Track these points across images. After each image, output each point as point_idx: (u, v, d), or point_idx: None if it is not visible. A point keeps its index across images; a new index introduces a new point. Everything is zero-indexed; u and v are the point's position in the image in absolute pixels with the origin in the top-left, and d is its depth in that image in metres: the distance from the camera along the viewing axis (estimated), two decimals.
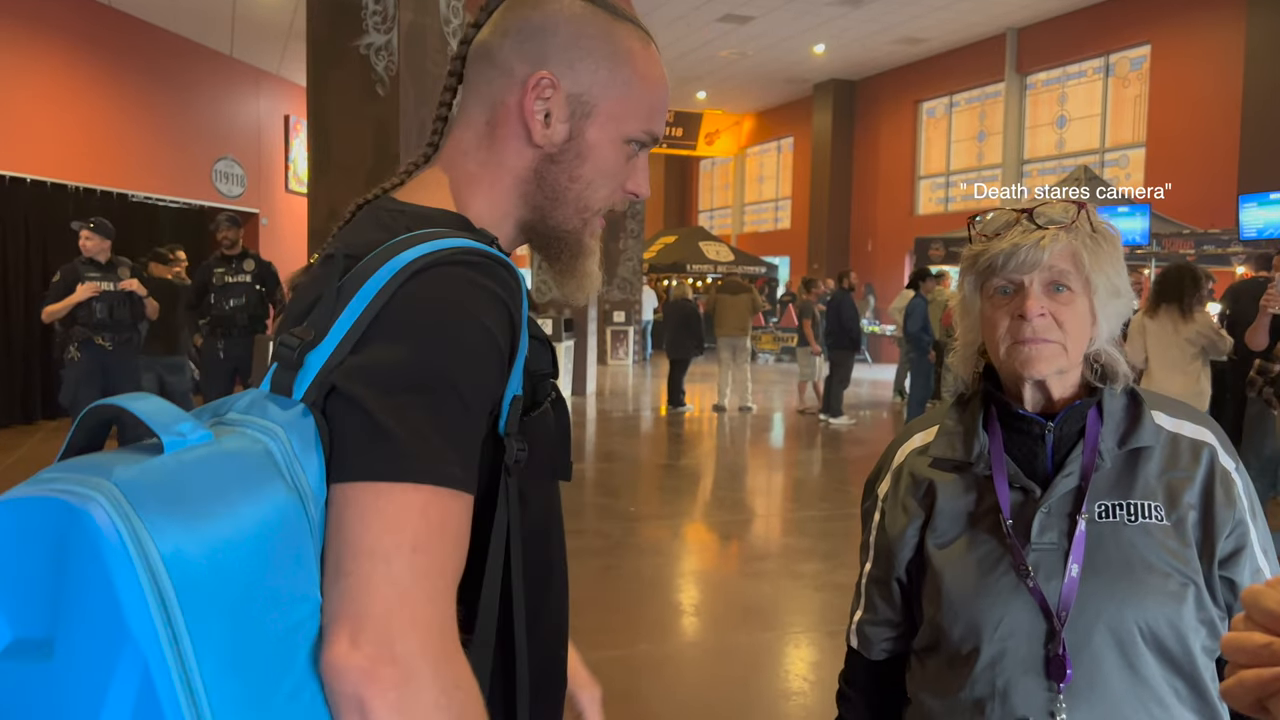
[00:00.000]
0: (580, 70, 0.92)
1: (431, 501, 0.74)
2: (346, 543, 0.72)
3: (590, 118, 0.93)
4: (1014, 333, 1.14)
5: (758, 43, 15.90)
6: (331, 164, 6.02)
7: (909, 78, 17.44)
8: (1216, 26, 11.66)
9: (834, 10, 14.18)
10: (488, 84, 0.93)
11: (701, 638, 4.33)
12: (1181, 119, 12.30)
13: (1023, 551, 1.13)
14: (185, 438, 0.70)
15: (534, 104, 0.91)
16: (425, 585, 0.73)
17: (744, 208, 23.84)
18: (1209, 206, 10.63)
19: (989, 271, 1.16)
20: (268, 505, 0.70)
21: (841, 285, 10.65)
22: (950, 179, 17.14)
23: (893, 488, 1.27)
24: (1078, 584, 1.11)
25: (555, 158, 0.93)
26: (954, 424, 1.24)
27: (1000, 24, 14.84)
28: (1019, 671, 1.12)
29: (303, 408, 0.75)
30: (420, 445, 0.74)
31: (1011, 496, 1.16)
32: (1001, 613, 1.13)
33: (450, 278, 0.80)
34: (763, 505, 7.13)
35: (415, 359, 0.77)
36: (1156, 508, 1.13)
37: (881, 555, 1.28)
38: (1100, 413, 1.17)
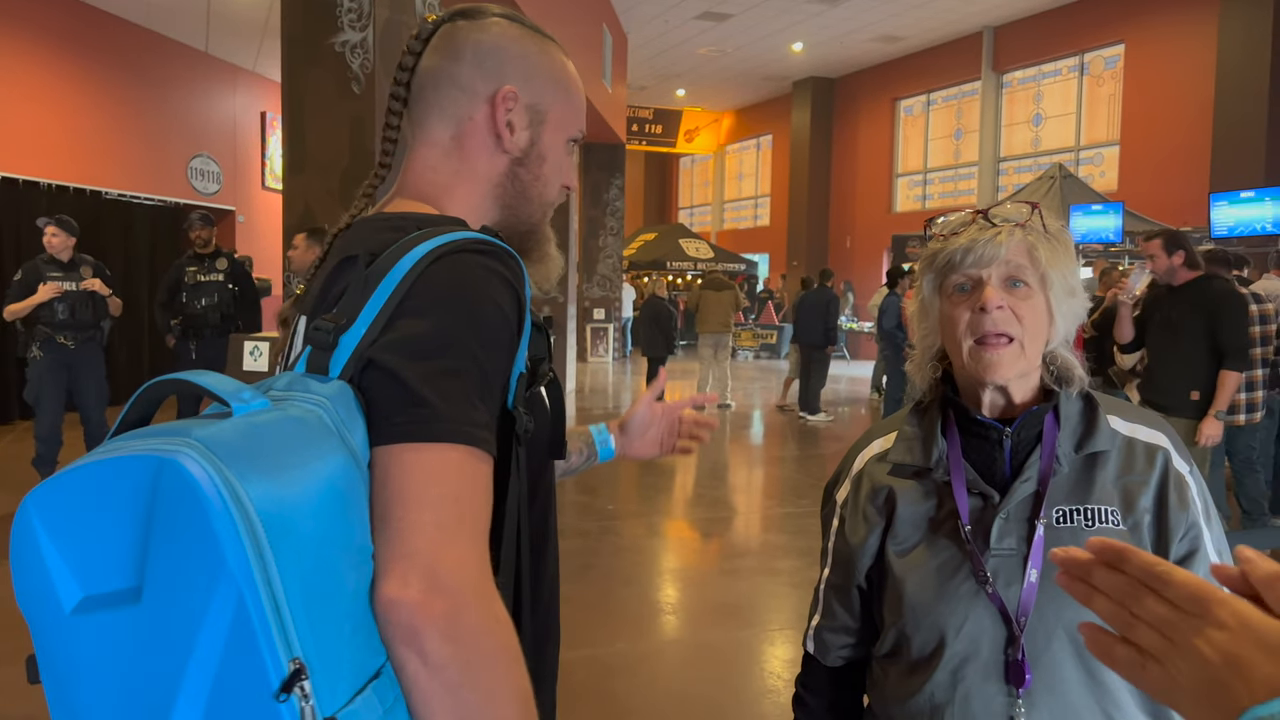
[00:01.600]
0: (536, 83, 1.05)
1: (466, 459, 0.83)
2: (394, 494, 0.81)
3: (545, 124, 1.06)
4: (974, 328, 1.13)
5: (736, 40, 15.92)
6: (307, 161, 5.99)
7: (887, 76, 17.51)
8: (1189, 26, 11.78)
9: (812, 8, 14.21)
10: (452, 103, 1.03)
11: (678, 636, 4.34)
12: (1155, 117, 12.41)
13: (982, 557, 1.14)
14: (249, 403, 0.77)
15: (502, 115, 1.03)
16: (466, 529, 0.82)
17: (724, 205, 23.87)
18: (1182, 204, 10.75)
19: (947, 269, 1.17)
20: (332, 463, 0.77)
21: (822, 283, 10.69)
22: (927, 176, 17.23)
23: (852, 494, 1.27)
24: (1036, 589, 1.11)
25: (523, 161, 1.05)
26: (912, 430, 1.24)
27: (977, 22, 14.93)
28: (979, 677, 1.12)
29: (341, 383, 0.84)
30: (454, 410, 0.83)
31: (970, 502, 1.17)
32: (962, 619, 1.13)
33: (467, 263, 0.90)
34: (741, 502, 7.15)
35: (443, 332, 0.85)
36: (1113, 512, 1.13)
37: (840, 562, 1.28)
38: (1057, 417, 1.18)
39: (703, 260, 18.59)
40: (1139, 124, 12.75)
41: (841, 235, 18.70)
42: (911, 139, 17.60)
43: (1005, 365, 1.13)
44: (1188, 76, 11.73)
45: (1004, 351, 1.13)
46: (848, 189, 18.67)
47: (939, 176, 16.99)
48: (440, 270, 0.88)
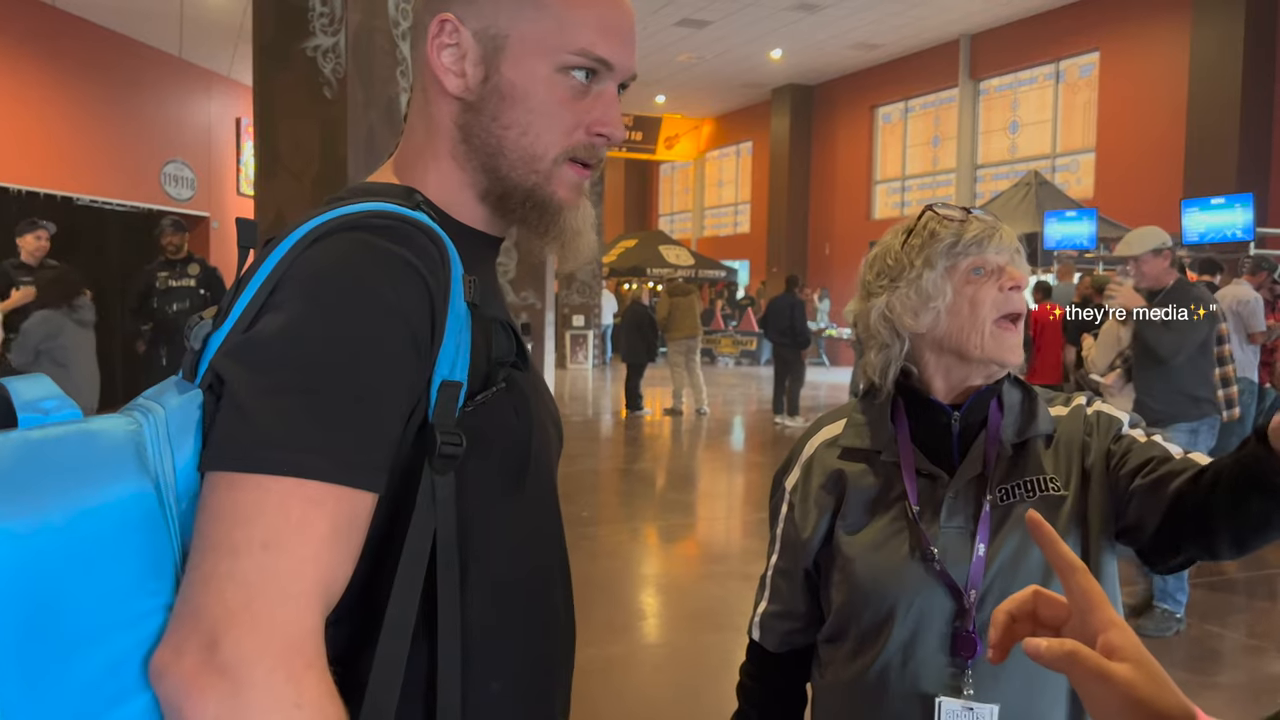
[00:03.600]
0: (481, 3, 0.83)
1: (292, 495, 0.66)
2: (199, 535, 0.66)
3: (503, 52, 0.82)
4: (1001, 306, 1.19)
5: (715, 47, 15.96)
6: (279, 167, 5.96)
7: (865, 83, 17.60)
8: (1163, 35, 11.89)
9: (790, 15, 14.27)
10: (414, 48, 0.87)
11: (652, 640, 4.32)
12: (1130, 125, 12.52)
13: (930, 536, 1.18)
14: (46, 415, 0.64)
15: (438, 52, 0.83)
16: (275, 587, 0.64)
17: (704, 211, 23.91)
18: (1157, 211, 10.82)
19: (965, 253, 1.20)
20: (113, 493, 0.64)
21: (789, 288, 10.75)
22: (906, 183, 17.32)
23: (802, 479, 1.30)
24: (984, 563, 1.16)
25: (475, 106, 0.83)
26: (862, 415, 1.28)
27: (953, 30, 15.03)
28: (928, 651, 1.16)
29: (196, 391, 0.70)
30: (282, 432, 0.66)
31: (919, 483, 1.21)
32: (912, 595, 1.17)
33: (348, 242, 0.72)
34: (720, 508, 7.14)
35: (294, 334, 0.69)
36: (1053, 480, 1.19)
37: (789, 547, 1.30)
38: (1001, 404, 1.24)
39: (683, 267, 18.60)
40: (1114, 131, 12.86)
41: (821, 242, 18.76)
42: (890, 146, 17.69)
43: (1018, 352, 1.21)
44: (1161, 85, 11.84)
45: (1017, 336, 1.21)
46: (827, 196, 18.74)
47: (917, 183, 17.08)
48: (313, 253, 0.72)
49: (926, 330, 1.22)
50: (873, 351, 1.27)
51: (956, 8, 13.77)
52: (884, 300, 1.24)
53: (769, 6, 13.82)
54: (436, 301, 0.75)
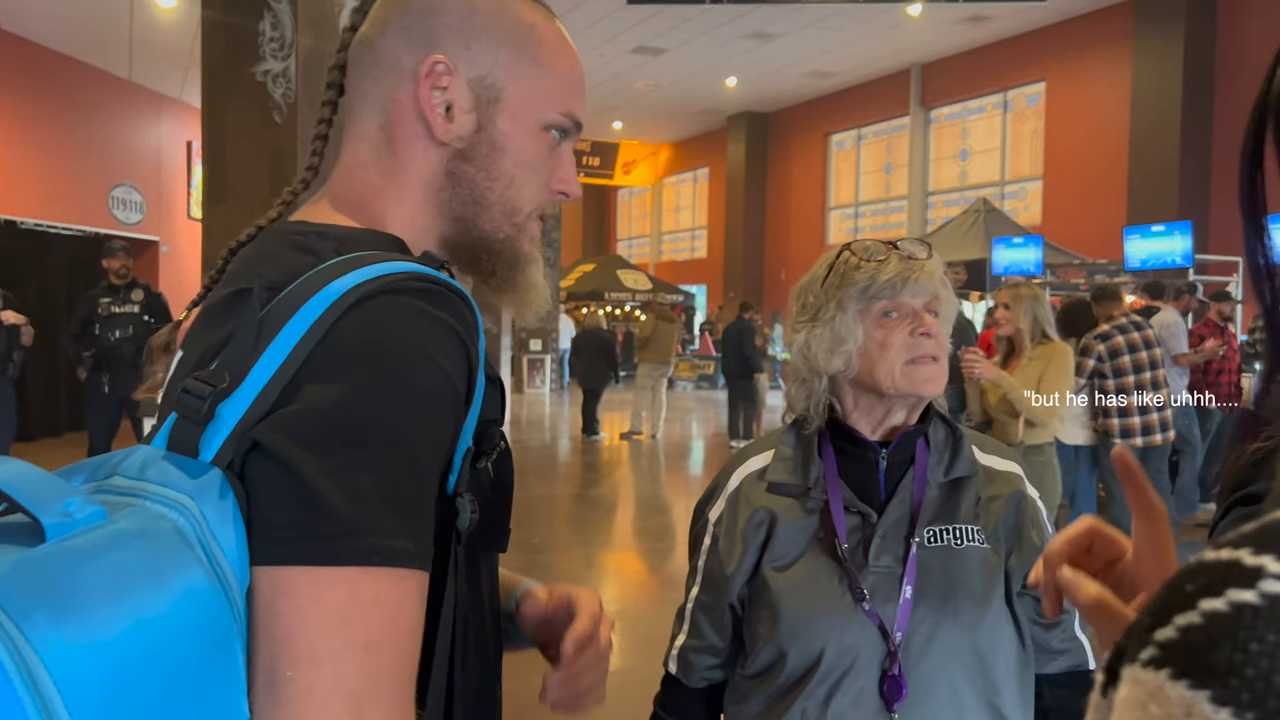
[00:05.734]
0: (478, 51, 0.79)
1: (385, 587, 0.61)
2: (282, 644, 0.59)
3: (498, 104, 0.80)
4: (911, 350, 1.20)
5: (671, 74, 16.11)
6: (228, 191, 5.90)
7: (819, 111, 17.84)
8: (1106, 67, 12.21)
9: (745, 44, 14.46)
10: (375, 84, 0.80)
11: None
12: (1075, 153, 12.82)
13: (859, 575, 1.17)
14: (72, 519, 0.56)
15: (430, 94, 0.78)
16: (383, 690, 0.61)
17: (661, 237, 24.02)
18: (1100, 238, 11.08)
19: (878, 296, 1.21)
20: (184, 597, 0.57)
21: (740, 314, 10.82)
22: (859, 209, 17.55)
23: (728, 511, 1.28)
24: (911, 605, 1.16)
25: (467, 154, 0.80)
26: (790, 449, 1.27)
27: (905, 60, 15.31)
28: (854, 692, 1.15)
29: (217, 473, 0.61)
30: (366, 519, 0.61)
31: (848, 521, 1.21)
32: (840, 635, 1.16)
33: (399, 308, 0.67)
34: (676, 533, 7.12)
35: (357, 408, 0.63)
36: (978, 531, 1.20)
37: (711, 581, 1.28)
38: (928, 442, 1.25)
39: (641, 291, 18.65)
40: (1060, 160, 13.15)
41: (777, 267, 18.92)
42: (843, 172, 17.93)
43: (935, 383, 1.21)
44: (1105, 115, 12.15)
45: (934, 369, 1.21)
46: (782, 221, 18.93)
47: (870, 209, 17.31)
48: (360, 319, 0.66)
49: (840, 370, 1.24)
50: (794, 384, 1.28)
51: (907, 38, 14.04)
52: (804, 336, 1.25)
53: (724, 35, 13.99)
54: (473, 368, 0.71)
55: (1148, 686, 0.31)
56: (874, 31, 13.70)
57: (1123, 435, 5.33)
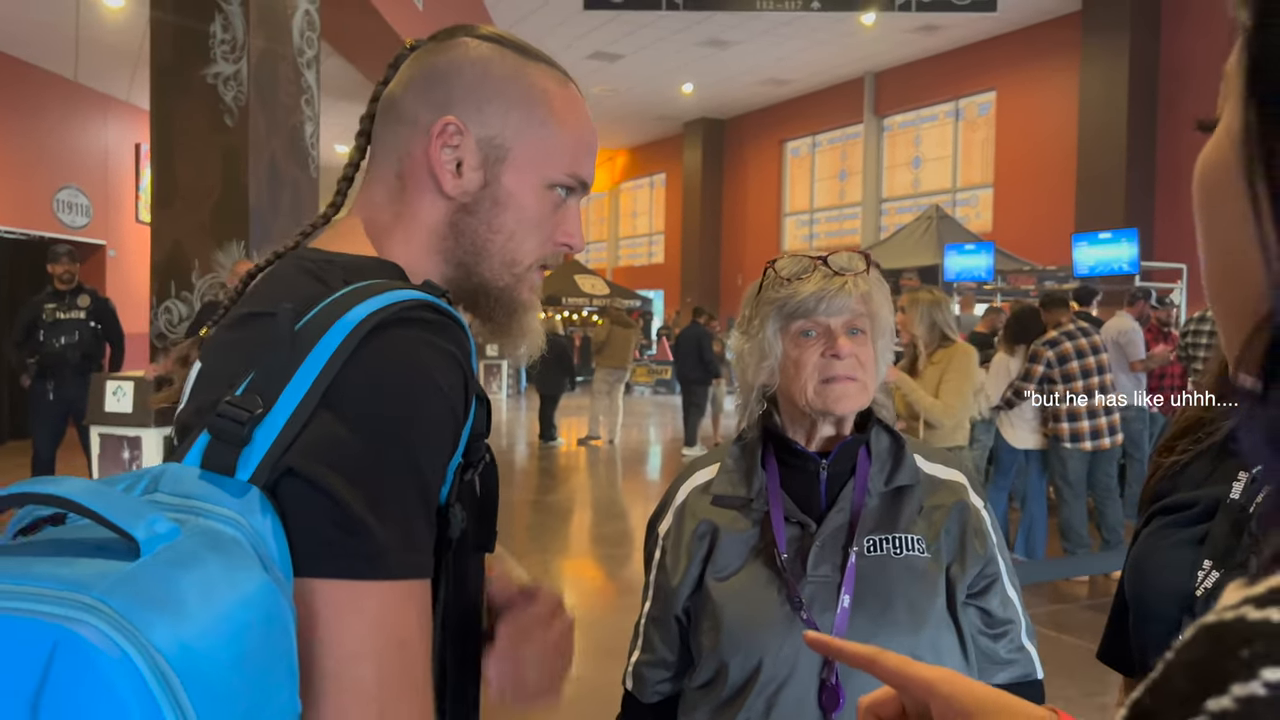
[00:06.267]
0: (489, 113, 0.86)
1: (410, 595, 0.71)
2: (326, 645, 0.68)
3: (505, 163, 0.87)
4: (823, 371, 1.21)
5: (629, 80, 16.14)
6: (176, 195, 5.80)
7: (774, 118, 17.98)
8: (1054, 76, 12.45)
9: (701, 51, 14.53)
10: (394, 136, 0.88)
11: None
12: (1025, 162, 13.05)
13: (798, 584, 1.18)
14: (159, 536, 0.61)
15: (441, 152, 0.85)
16: (415, 682, 0.71)
17: (619, 242, 24.04)
18: (1052, 244, 11.28)
19: (795, 315, 1.22)
20: (254, 596, 0.63)
21: (694, 319, 10.86)
22: (814, 216, 17.70)
23: (674, 526, 1.29)
24: (849, 615, 1.16)
25: (470, 208, 0.87)
26: (734, 462, 1.28)
27: (859, 68, 15.48)
28: (794, 701, 1.16)
29: (256, 491, 0.68)
30: (398, 537, 0.70)
31: (788, 531, 1.22)
32: (778, 644, 1.17)
33: (410, 340, 0.74)
34: (633, 539, 7.11)
35: (383, 435, 0.71)
36: (919, 541, 1.21)
37: (660, 594, 1.29)
38: (869, 451, 1.25)
39: (598, 297, 18.64)
40: (1011, 168, 13.38)
41: (733, 272, 19.02)
42: (798, 179, 18.08)
43: (851, 399, 1.22)
44: (1054, 124, 12.38)
45: (850, 386, 1.21)
46: (738, 227, 19.03)
47: (825, 216, 17.47)
48: (378, 349, 0.72)
49: (764, 383, 1.25)
50: (737, 395, 1.29)
51: (861, 47, 14.21)
52: (739, 347, 1.27)
53: (680, 42, 14.05)
54: (469, 393, 0.78)
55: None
56: (828, 40, 13.84)
57: (1072, 439, 5.43)
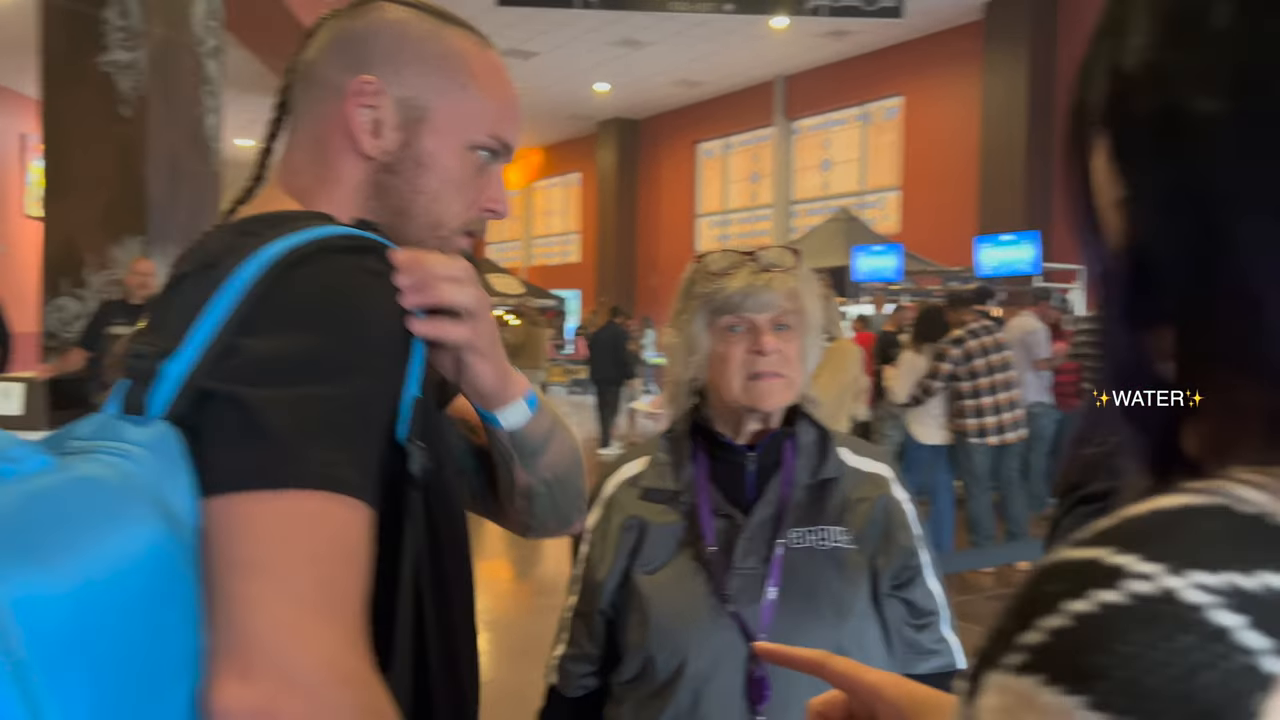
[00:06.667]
0: (407, 74, 0.85)
1: (326, 510, 0.64)
2: (229, 563, 0.62)
3: (425, 123, 0.86)
4: (748, 367, 1.21)
5: (543, 79, 16.06)
6: (70, 188, 5.55)
7: (688, 119, 18.10)
8: (958, 83, 12.82)
9: (615, 50, 14.54)
10: (310, 102, 0.87)
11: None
12: (931, 165, 13.40)
13: (725, 577, 1.18)
14: (18, 465, 0.59)
15: (358, 112, 0.84)
16: (332, 602, 0.63)
17: (533, 241, 23.90)
18: (955, 246, 11.62)
19: (722, 310, 1.22)
20: (136, 535, 0.60)
21: (611, 319, 10.88)
22: (727, 217, 17.89)
23: (602, 519, 1.29)
24: (775, 606, 1.17)
25: (392, 168, 0.86)
26: (664, 455, 1.28)
27: (769, 72, 15.69)
28: (720, 694, 1.16)
29: (162, 424, 0.66)
30: (309, 446, 0.64)
31: (716, 523, 1.22)
32: (705, 637, 1.17)
33: (339, 264, 0.72)
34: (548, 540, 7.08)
35: (299, 350, 0.68)
36: (844, 533, 1.22)
37: (586, 588, 1.29)
38: (796, 444, 1.26)
39: (512, 296, 18.50)
40: (917, 171, 13.73)
41: (648, 273, 19.09)
42: (711, 181, 18.24)
43: (777, 395, 1.22)
44: (958, 129, 12.74)
45: (775, 383, 1.22)
46: (653, 227, 19.11)
47: (738, 217, 17.67)
48: (301, 275, 0.70)
49: (693, 377, 1.26)
50: (667, 389, 1.29)
51: (772, 50, 14.41)
52: (668, 340, 1.28)
53: (593, 41, 14.04)
54: (408, 317, 0.76)
55: (1019, 694, 0.30)
56: (740, 43, 14.00)
57: (978, 435, 5.60)
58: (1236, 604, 0.29)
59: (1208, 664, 0.28)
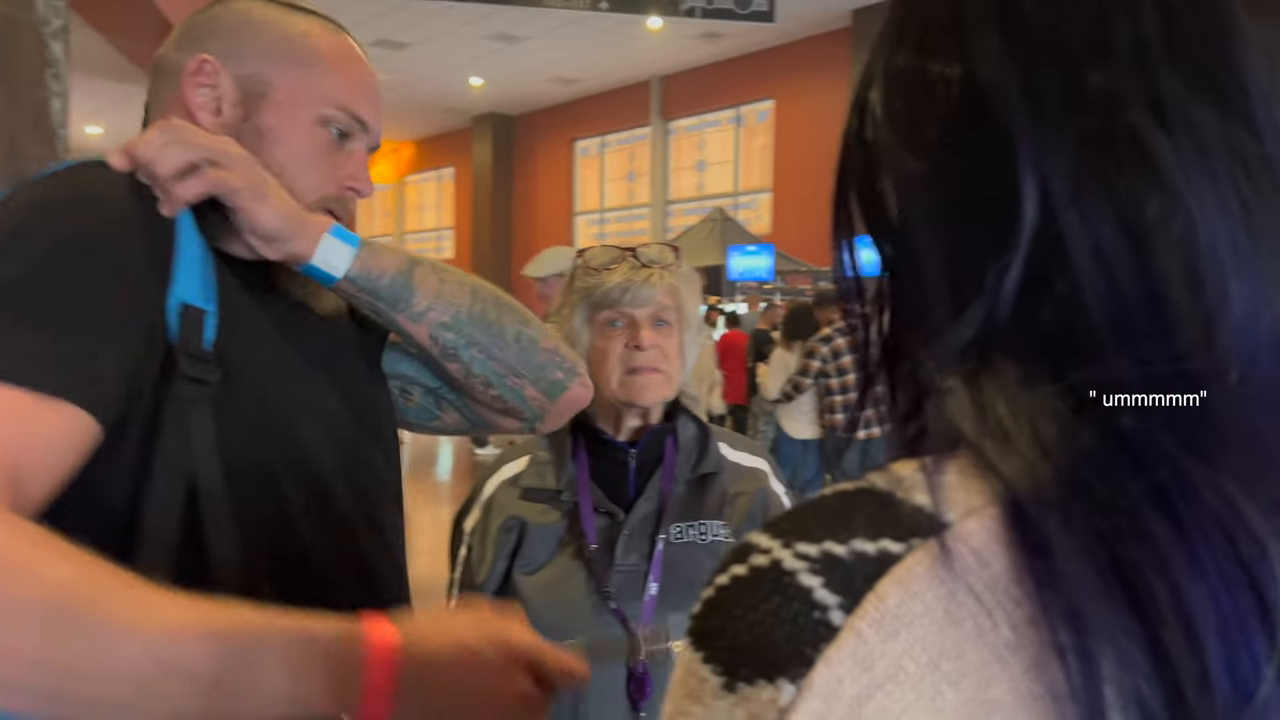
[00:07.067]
0: (247, 53, 0.88)
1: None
2: None
3: (266, 98, 0.87)
4: (627, 362, 1.22)
5: (415, 71, 15.73)
6: None
7: (564, 116, 18.07)
8: (827, 88, 13.19)
9: (490, 45, 14.38)
10: (160, 91, 0.90)
11: None
12: (801, 168, 13.76)
13: (606, 574, 1.19)
14: None
15: (195, 89, 0.86)
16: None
17: (405, 236, 23.42)
18: (824, 246, 11.91)
19: (601, 305, 1.23)
20: None
21: None
22: (605, 216, 17.94)
23: (481, 521, 1.28)
24: (656, 602, 1.19)
25: (237, 139, 0.85)
26: (544, 454, 1.29)
27: (645, 72, 15.81)
28: (601, 692, 1.16)
29: None
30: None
31: (597, 521, 1.23)
32: (585, 635, 1.15)
33: (44, 183, 0.74)
34: (422, 541, 6.94)
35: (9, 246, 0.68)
36: (723, 526, 1.25)
37: (466, 591, 1.28)
38: (676, 441, 1.28)
39: None
40: (788, 173, 14.08)
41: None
42: (588, 179, 18.26)
43: (654, 390, 1.23)
44: (828, 132, 13.05)
45: (654, 378, 1.23)
46: (530, 224, 19.00)
47: (615, 216, 17.74)
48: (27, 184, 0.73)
49: None
50: None
51: (648, 50, 14.52)
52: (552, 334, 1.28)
53: (468, 34, 13.85)
54: (155, 220, 0.75)
55: (683, 659, 0.36)
56: (616, 41, 14.05)
57: (847, 429, 5.78)
58: (820, 567, 0.34)
59: (786, 619, 0.33)
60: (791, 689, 0.32)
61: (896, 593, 0.32)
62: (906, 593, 0.32)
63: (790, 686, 0.32)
